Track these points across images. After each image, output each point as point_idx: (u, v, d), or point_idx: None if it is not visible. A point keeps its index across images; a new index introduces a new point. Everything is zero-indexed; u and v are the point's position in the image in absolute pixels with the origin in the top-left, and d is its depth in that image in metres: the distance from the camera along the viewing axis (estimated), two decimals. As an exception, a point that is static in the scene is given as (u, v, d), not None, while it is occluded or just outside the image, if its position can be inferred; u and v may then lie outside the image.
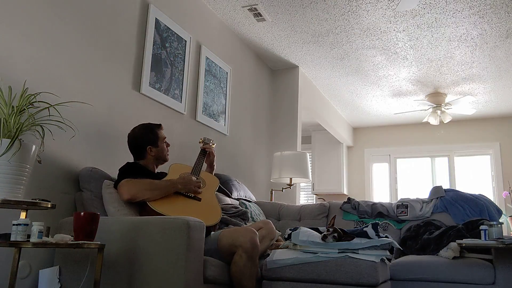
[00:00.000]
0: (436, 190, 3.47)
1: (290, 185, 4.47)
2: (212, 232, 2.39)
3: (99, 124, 2.71)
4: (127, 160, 2.63)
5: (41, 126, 1.89)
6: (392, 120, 7.42)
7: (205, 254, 2.18)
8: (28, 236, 1.76)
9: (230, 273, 2.23)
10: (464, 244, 2.52)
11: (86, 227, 1.86)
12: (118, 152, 2.78)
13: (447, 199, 3.36)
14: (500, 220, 3.15)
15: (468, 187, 6.78)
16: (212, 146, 3.00)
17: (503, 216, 3.49)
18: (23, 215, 1.88)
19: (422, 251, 2.97)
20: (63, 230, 2.17)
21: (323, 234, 2.42)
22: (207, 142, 3.00)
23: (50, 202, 1.86)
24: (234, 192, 3.53)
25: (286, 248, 2.55)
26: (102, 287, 2.03)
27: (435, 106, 6.12)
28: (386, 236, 2.52)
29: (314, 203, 4.09)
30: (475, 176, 7.20)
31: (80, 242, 1.83)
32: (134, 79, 3.03)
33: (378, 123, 7.66)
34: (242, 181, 4.19)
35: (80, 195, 2.39)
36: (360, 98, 6.39)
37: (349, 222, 3.46)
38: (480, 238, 2.54)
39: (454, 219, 3.23)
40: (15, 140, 1.75)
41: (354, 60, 5.11)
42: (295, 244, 2.50)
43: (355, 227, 3.33)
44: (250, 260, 2.22)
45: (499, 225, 2.51)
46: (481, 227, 2.53)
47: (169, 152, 2.73)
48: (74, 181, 2.46)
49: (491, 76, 5.45)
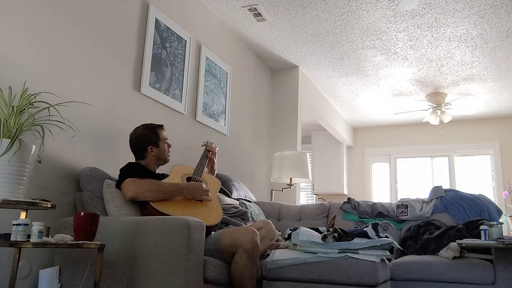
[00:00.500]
0: (436, 190, 3.47)
1: (290, 185, 4.47)
2: (213, 232, 2.39)
3: (99, 124, 2.71)
4: (127, 160, 2.63)
5: (41, 126, 1.90)
6: (392, 120, 7.42)
7: (205, 254, 2.18)
8: (28, 236, 1.76)
9: (230, 273, 2.23)
10: (464, 244, 2.52)
11: (86, 227, 1.86)
12: (118, 152, 2.78)
13: (447, 199, 3.36)
14: (500, 220, 3.15)
15: (468, 187, 6.78)
16: (215, 149, 3.07)
17: (503, 216, 3.49)
18: (23, 215, 1.88)
19: (422, 251, 2.97)
20: (63, 230, 2.17)
21: (323, 234, 2.42)
22: (210, 145, 3.05)
23: (50, 202, 1.86)
24: (234, 192, 3.53)
25: (286, 248, 2.55)
26: (102, 287, 2.03)
27: (435, 106, 6.12)
28: (386, 236, 2.53)
29: (314, 203, 4.09)
30: (475, 176, 7.20)
31: (80, 242, 1.83)
32: (134, 79, 3.03)
33: (378, 123, 7.66)
34: (242, 181, 4.19)
35: (80, 195, 2.39)
36: (360, 98, 6.39)
37: (349, 222, 3.46)
38: (480, 238, 2.54)
39: (454, 219, 3.23)
40: (15, 140, 1.75)
41: (354, 60, 5.11)
42: (295, 244, 2.49)
43: (355, 227, 3.33)
44: (250, 260, 2.21)
45: (499, 225, 2.50)
46: (481, 227, 2.53)
47: (170, 153, 2.74)
48: (74, 181, 2.46)
49: (491, 76, 5.45)
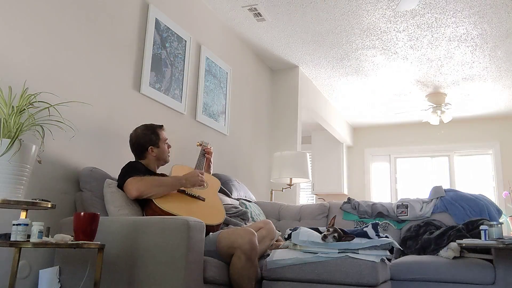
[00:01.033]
0: (436, 190, 3.47)
1: (290, 185, 4.47)
2: (211, 233, 2.38)
3: (99, 124, 2.71)
4: (128, 160, 2.63)
5: (41, 126, 1.90)
6: (392, 120, 7.41)
7: (204, 255, 2.18)
8: (28, 236, 1.76)
9: (229, 274, 2.22)
10: (464, 244, 2.52)
11: (86, 227, 1.86)
12: (118, 152, 2.78)
13: (447, 199, 3.36)
14: (500, 220, 3.14)
15: (468, 187, 6.77)
16: (210, 149, 3.08)
17: (503, 216, 3.48)
18: (23, 215, 1.88)
19: (422, 251, 2.97)
20: (63, 230, 2.16)
21: (323, 234, 2.42)
22: (205, 145, 3.06)
23: (50, 202, 1.86)
24: (234, 192, 3.53)
25: (286, 248, 2.55)
26: (102, 287, 2.03)
27: (435, 106, 6.12)
28: (386, 236, 2.53)
29: (314, 203, 4.09)
30: (475, 176, 7.20)
31: (80, 242, 1.83)
32: (134, 79, 3.03)
33: (378, 123, 7.66)
34: (242, 181, 4.19)
35: (80, 195, 2.39)
36: (360, 98, 6.39)
37: (349, 222, 3.46)
38: (480, 238, 2.54)
39: (454, 219, 3.23)
40: (15, 140, 1.75)
41: (354, 60, 5.11)
42: (295, 244, 2.49)
43: (355, 227, 3.33)
44: (248, 262, 2.21)
45: (499, 225, 2.50)
46: (481, 227, 2.53)
47: (169, 154, 2.74)
48: (74, 181, 2.46)
49: (491, 76, 5.45)
